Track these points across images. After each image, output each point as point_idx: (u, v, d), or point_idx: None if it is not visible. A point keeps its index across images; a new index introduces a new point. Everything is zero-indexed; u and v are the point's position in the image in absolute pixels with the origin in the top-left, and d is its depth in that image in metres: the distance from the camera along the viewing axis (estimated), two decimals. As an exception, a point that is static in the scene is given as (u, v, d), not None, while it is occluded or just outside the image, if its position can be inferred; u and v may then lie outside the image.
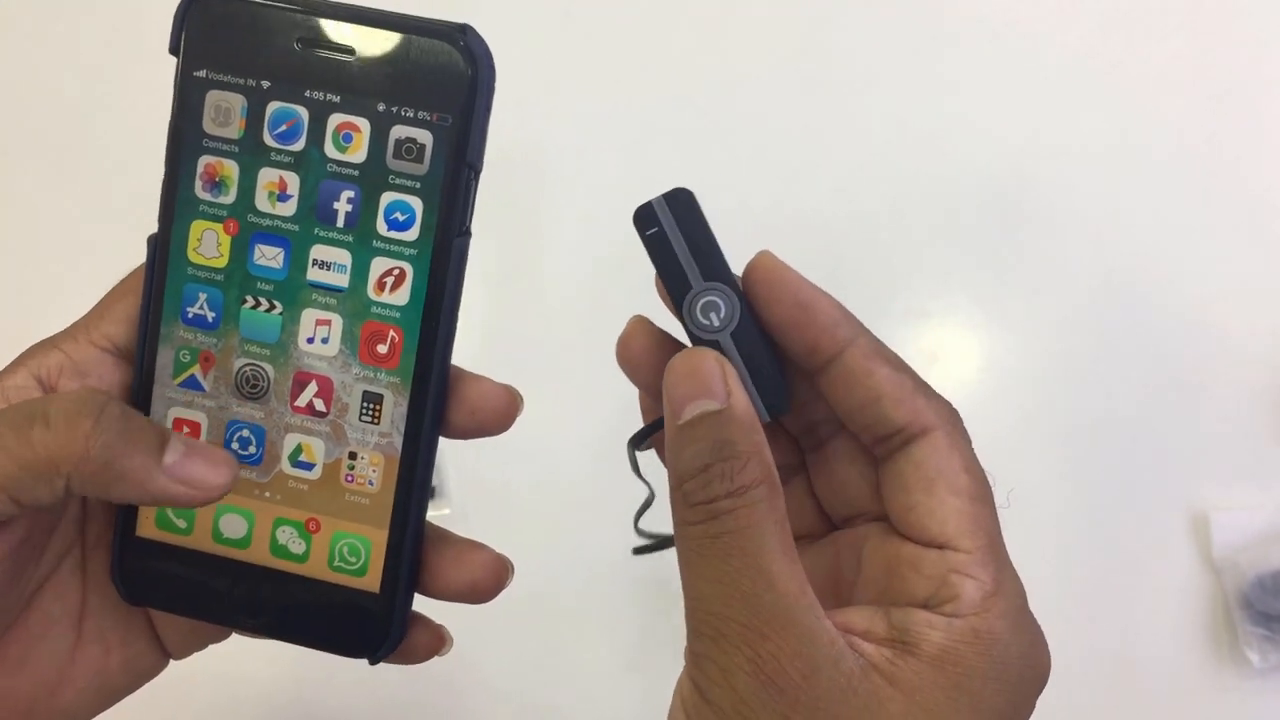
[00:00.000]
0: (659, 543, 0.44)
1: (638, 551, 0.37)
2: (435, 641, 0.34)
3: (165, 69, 0.31)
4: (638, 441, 0.34)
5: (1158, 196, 0.71)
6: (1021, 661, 0.29)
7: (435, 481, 0.65)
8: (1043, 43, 0.73)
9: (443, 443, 0.33)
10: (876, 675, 0.28)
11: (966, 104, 0.73)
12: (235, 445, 0.33)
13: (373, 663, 0.33)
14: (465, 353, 0.32)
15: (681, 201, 0.31)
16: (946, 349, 0.70)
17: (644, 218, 0.31)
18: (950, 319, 0.70)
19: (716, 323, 0.31)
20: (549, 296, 0.70)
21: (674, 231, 0.31)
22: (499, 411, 0.33)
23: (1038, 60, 0.73)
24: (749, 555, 0.28)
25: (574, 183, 0.71)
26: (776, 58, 0.73)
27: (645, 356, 0.32)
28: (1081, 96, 0.73)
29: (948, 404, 0.31)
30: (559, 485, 0.66)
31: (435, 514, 0.65)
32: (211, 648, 0.36)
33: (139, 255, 0.32)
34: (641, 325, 0.33)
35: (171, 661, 0.36)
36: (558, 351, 0.65)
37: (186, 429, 0.33)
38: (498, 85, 0.31)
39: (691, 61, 0.73)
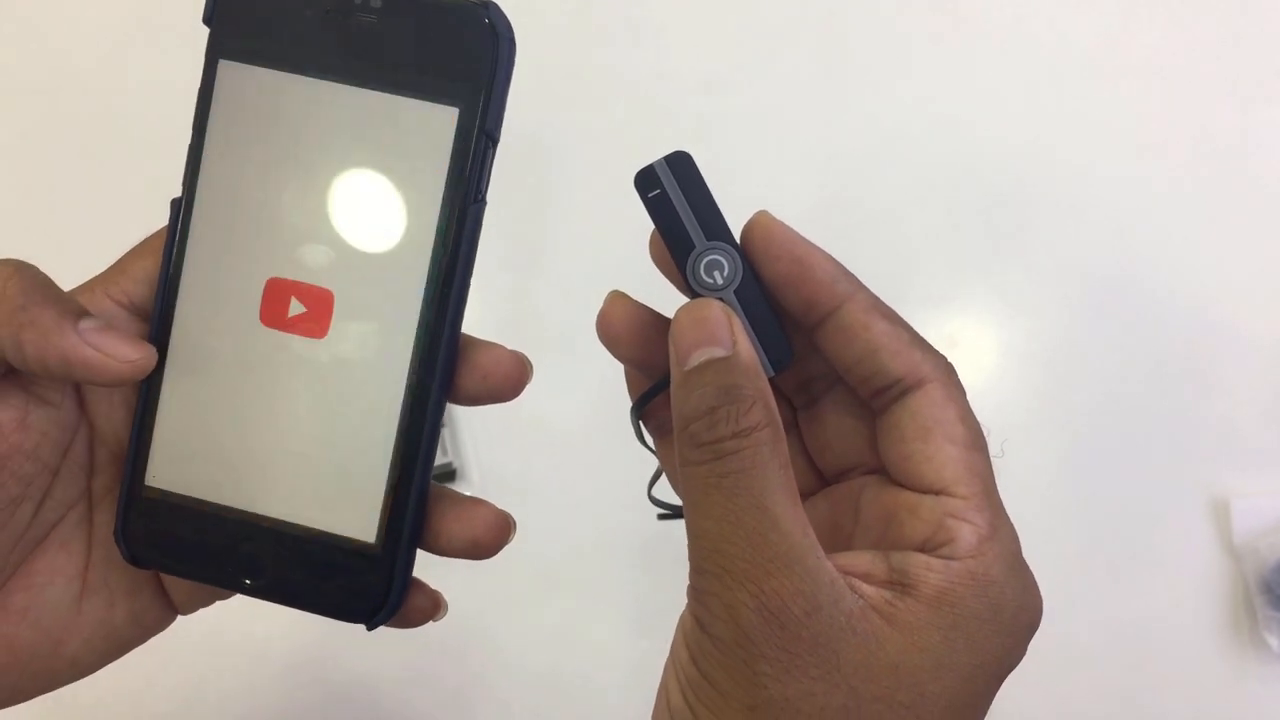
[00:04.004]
0: (679, 511, 0.45)
1: (662, 518, 0.37)
2: (430, 606, 0.34)
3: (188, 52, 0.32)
4: (640, 406, 0.34)
5: (1176, 183, 0.72)
6: (1016, 604, 0.29)
7: (456, 465, 0.65)
8: (1060, 32, 0.74)
9: (465, 428, 0.33)
10: (875, 615, 0.28)
11: (986, 92, 0.74)
12: None
13: (370, 628, 0.33)
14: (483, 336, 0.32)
15: (682, 164, 0.32)
16: (966, 335, 0.70)
17: (646, 180, 0.32)
18: (970, 305, 0.71)
19: (720, 281, 0.32)
20: (566, 279, 0.70)
21: (676, 193, 0.32)
22: (510, 377, 0.33)
23: (1056, 49, 0.74)
24: (754, 494, 0.28)
25: (588, 162, 0.72)
26: (793, 47, 0.74)
27: (626, 330, 0.33)
28: (1099, 85, 0.74)
29: (943, 357, 0.32)
30: (580, 469, 0.67)
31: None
32: (220, 605, 0.36)
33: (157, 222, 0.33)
34: (620, 299, 0.33)
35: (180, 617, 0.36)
36: (575, 334, 0.66)
37: None
38: (516, 69, 0.32)
39: (709, 52, 0.75)
